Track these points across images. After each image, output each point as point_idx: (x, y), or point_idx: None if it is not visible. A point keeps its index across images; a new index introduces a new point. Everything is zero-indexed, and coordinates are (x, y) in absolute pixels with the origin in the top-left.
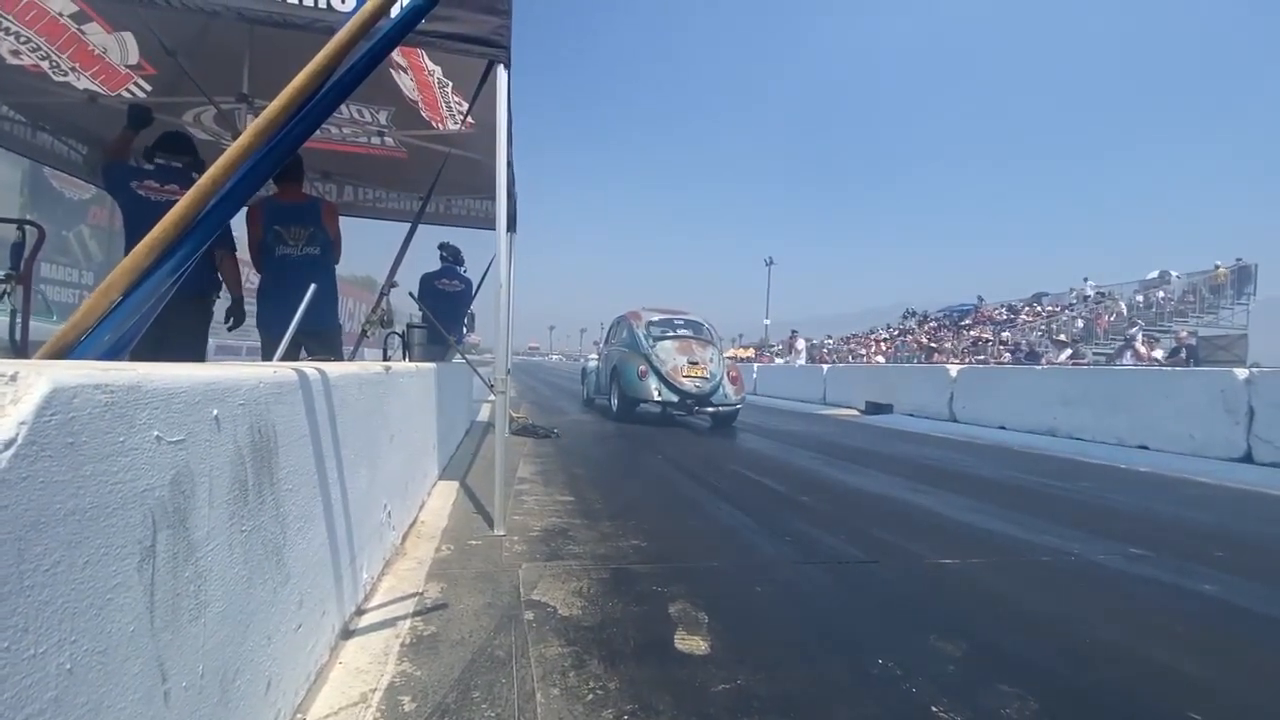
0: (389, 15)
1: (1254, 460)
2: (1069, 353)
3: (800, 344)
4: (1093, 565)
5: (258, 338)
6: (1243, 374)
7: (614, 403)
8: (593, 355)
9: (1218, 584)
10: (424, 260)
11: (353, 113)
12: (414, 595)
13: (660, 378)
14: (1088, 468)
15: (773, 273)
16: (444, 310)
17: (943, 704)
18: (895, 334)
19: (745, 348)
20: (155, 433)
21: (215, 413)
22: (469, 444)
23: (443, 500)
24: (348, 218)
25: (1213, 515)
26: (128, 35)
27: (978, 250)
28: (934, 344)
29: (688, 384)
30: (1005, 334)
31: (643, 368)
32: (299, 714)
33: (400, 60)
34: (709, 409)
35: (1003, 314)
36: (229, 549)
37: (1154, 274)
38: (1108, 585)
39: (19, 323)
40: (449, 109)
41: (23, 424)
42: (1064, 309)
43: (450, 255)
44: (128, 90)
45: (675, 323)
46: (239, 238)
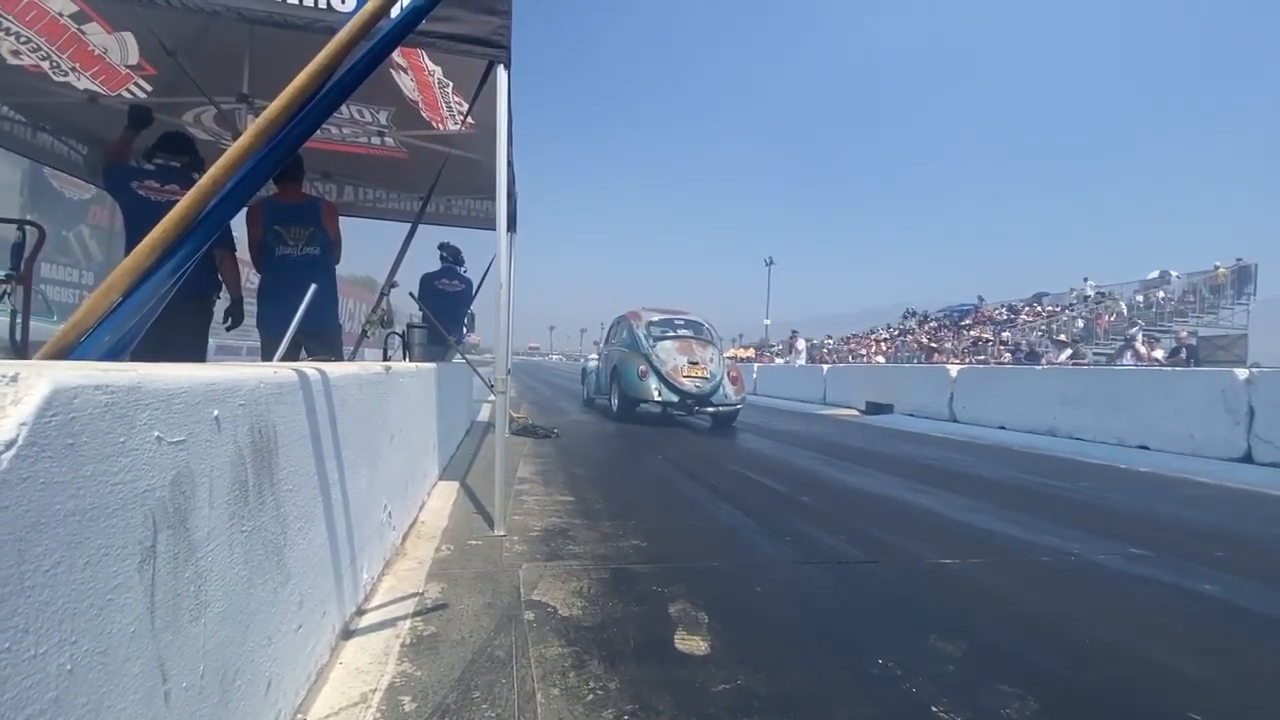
0: (389, 16)
1: (1254, 460)
2: (1069, 353)
3: (801, 344)
4: (1093, 565)
5: (258, 338)
6: (1243, 374)
7: (614, 403)
8: (593, 355)
9: (1218, 584)
10: (424, 260)
11: (353, 113)
12: (414, 595)
13: (660, 378)
14: (1088, 468)
15: (773, 273)
16: (444, 310)
17: (943, 704)
18: (895, 334)
19: (745, 348)
20: (156, 433)
21: (216, 413)
22: (469, 444)
23: (443, 500)
24: (348, 218)
25: (1213, 515)
26: (128, 35)
27: (978, 250)
28: (934, 344)
29: (688, 384)
30: (1005, 334)
31: (643, 368)
32: (299, 714)
33: (400, 60)
34: (709, 409)
35: (1003, 314)
36: (229, 549)
37: (1154, 274)
38: (1108, 585)
39: (19, 323)
40: (449, 109)
41: (23, 425)
42: (1064, 309)
43: (450, 255)
44: (128, 90)
45: (675, 323)
46: (239, 238)
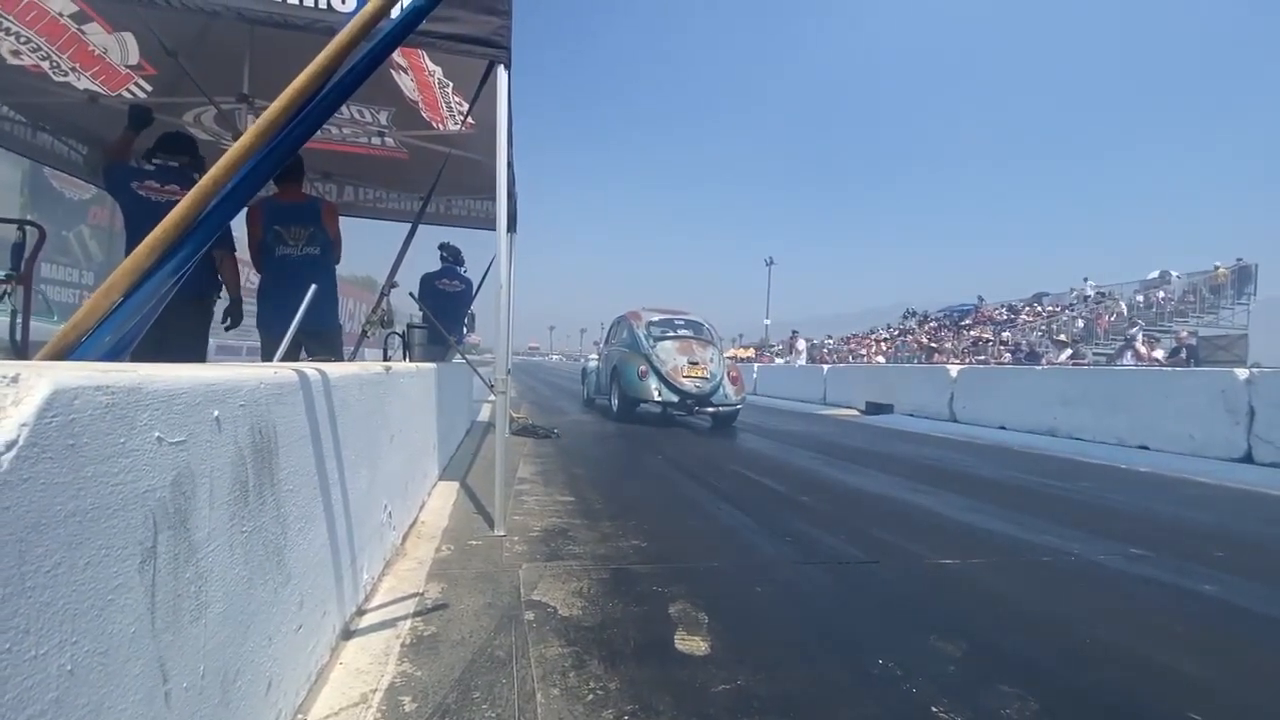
0: (390, 16)
1: (1254, 460)
2: (1069, 353)
3: (801, 344)
4: (1093, 565)
5: (258, 338)
6: (1243, 374)
7: (614, 403)
8: (593, 355)
9: (1218, 584)
10: (424, 260)
11: (353, 113)
12: (414, 595)
13: (660, 378)
14: (1088, 468)
15: (773, 273)
16: (444, 310)
17: (943, 704)
18: (895, 334)
19: (745, 348)
20: (156, 434)
21: (216, 414)
22: (469, 444)
23: (443, 500)
24: (348, 218)
25: (1213, 515)
26: (128, 35)
27: (978, 250)
28: (934, 344)
29: (688, 384)
30: (1005, 334)
31: (643, 368)
32: (299, 714)
33: (401, 61)
34: (709, 409)
35: (1003, 314)
36: (230, 550)
37: (1154, 274)
38: (1108, 585)
39: (19, 323)
40: (449, 109)
41: (24, 426)
42: (1064, 309)
43: (450, 255)
44: (128, 90)
45: (675, 323)
46: (239, 238)
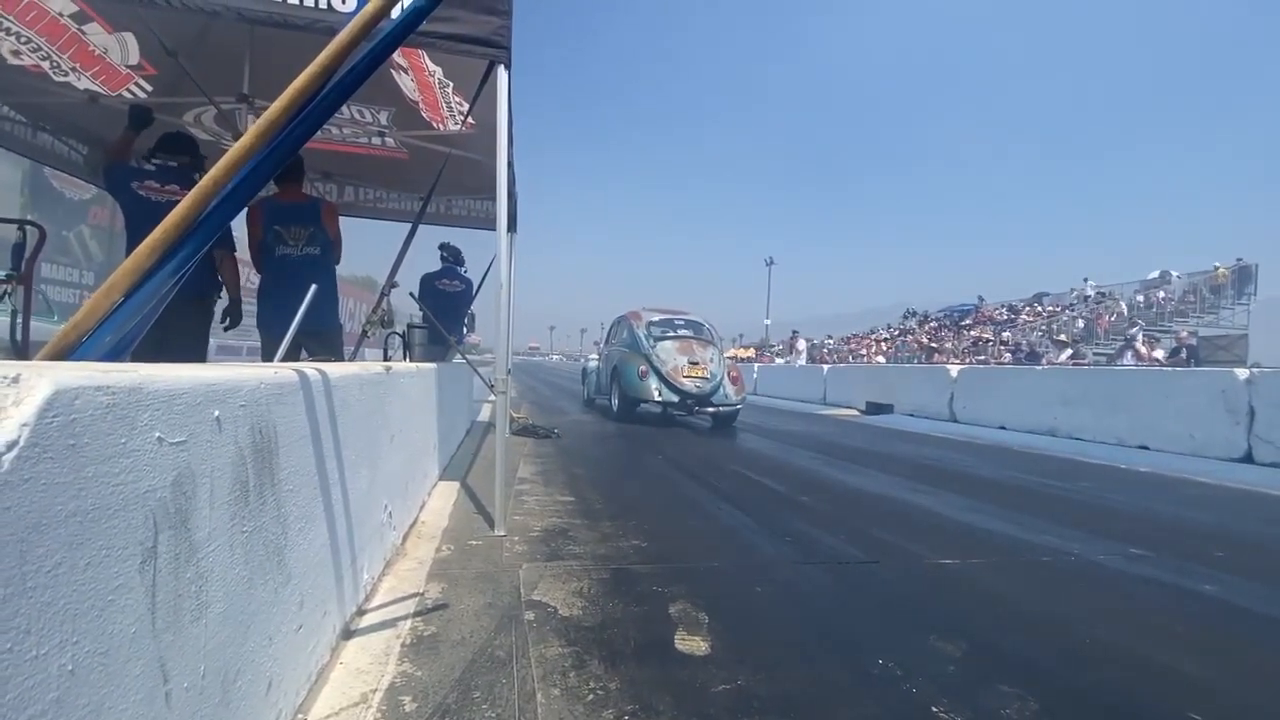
0: (390, 16)
1: (1254, 460)
2: (1069, 353)
3: (801, 344)
4: (1093, 565)
5: (258, 338)
6: (1243, 374)
7: (614, 403)
8: (593, 355)
9: (1218, 584)
10: (424, 260)
11: (354, 113)
12: (414, 595)
13: (661, 378)
14: (1088, 468)
15: (773, 273)
16: (444, 310)
17: (943, 704)
18: (895, 334)
19: (746, 348)
20: (157, 434)
21: (216, 414)
22: (469, 444)
23: (443, 500)
24: (348, 218)
25: (1213, 515)
26: (128, 35)
27: (978, 250)
28: (934, 344)
29: (688, 384)
30: (1006, 334)
31: (643, 368)
32: (300, 714)
33: (401, 61)
34: (709, 409)
35: (1003, 314)
36: (230, 550)
37: (1154, 274)
38: (1108, 585)
39: (20, 323)
40: (450, 109)
41: (25, 426)
42: (1064, 309)
43: (451, 255)
44: (128, 90)
45: (676, 323)
46: (239, 238)
